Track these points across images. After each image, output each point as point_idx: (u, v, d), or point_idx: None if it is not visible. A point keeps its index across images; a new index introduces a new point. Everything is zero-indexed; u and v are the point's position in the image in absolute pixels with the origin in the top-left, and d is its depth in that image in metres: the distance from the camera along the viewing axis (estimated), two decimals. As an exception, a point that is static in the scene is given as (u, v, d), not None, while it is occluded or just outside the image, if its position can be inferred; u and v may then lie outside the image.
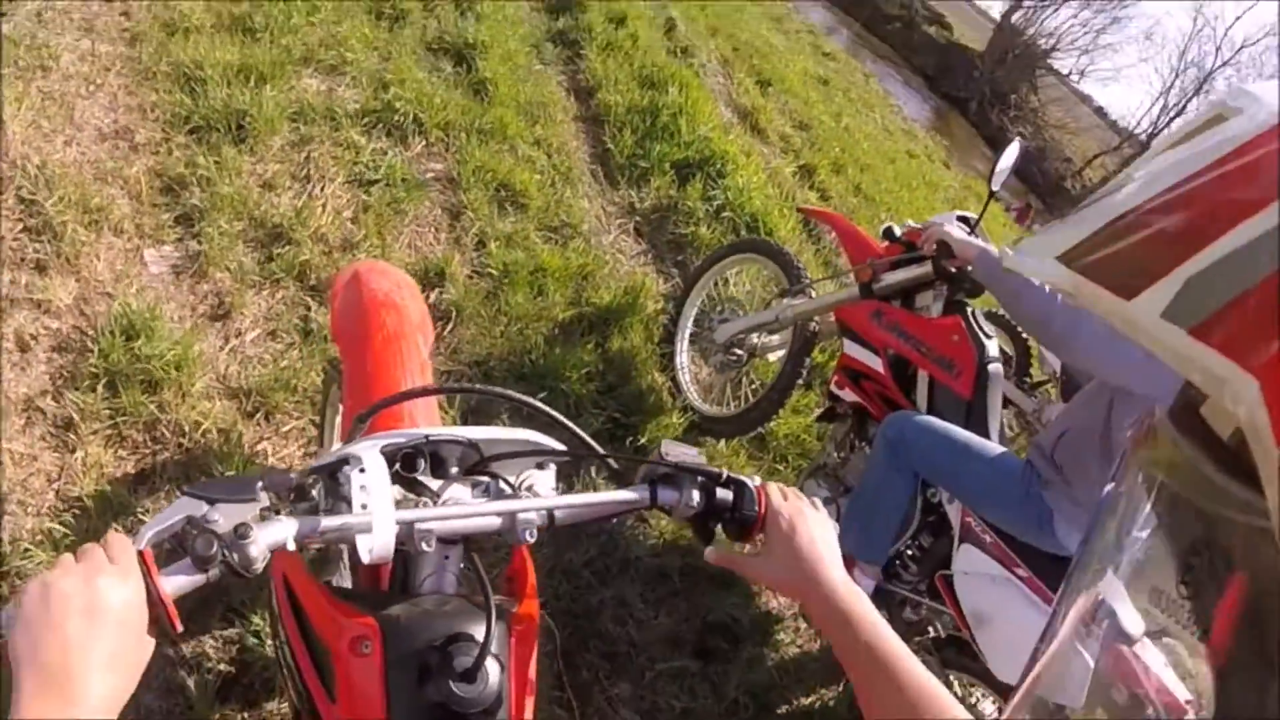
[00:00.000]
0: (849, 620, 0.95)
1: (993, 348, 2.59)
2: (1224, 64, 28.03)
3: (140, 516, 2.19)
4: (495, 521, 1.01)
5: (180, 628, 0.79)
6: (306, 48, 4.06)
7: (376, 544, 0.91)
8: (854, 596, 0.97)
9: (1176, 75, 29.36)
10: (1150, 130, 29.20)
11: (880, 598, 2.64)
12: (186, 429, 2.39)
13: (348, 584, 1.60)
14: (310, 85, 3.89)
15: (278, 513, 0.91)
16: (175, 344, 2.50)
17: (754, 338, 3.32)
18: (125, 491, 2.22)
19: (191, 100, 3.37)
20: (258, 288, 2.87)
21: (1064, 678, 0.54)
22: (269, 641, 1.98)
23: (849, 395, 2.90)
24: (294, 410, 2.58)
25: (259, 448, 2.48)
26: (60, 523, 2.10)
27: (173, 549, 0.83)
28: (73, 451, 2.24)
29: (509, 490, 1.10)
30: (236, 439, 2.44)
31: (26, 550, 2.02)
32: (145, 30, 3.63)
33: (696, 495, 1.08)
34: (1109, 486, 0.52)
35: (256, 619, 2.07)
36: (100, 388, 2.36)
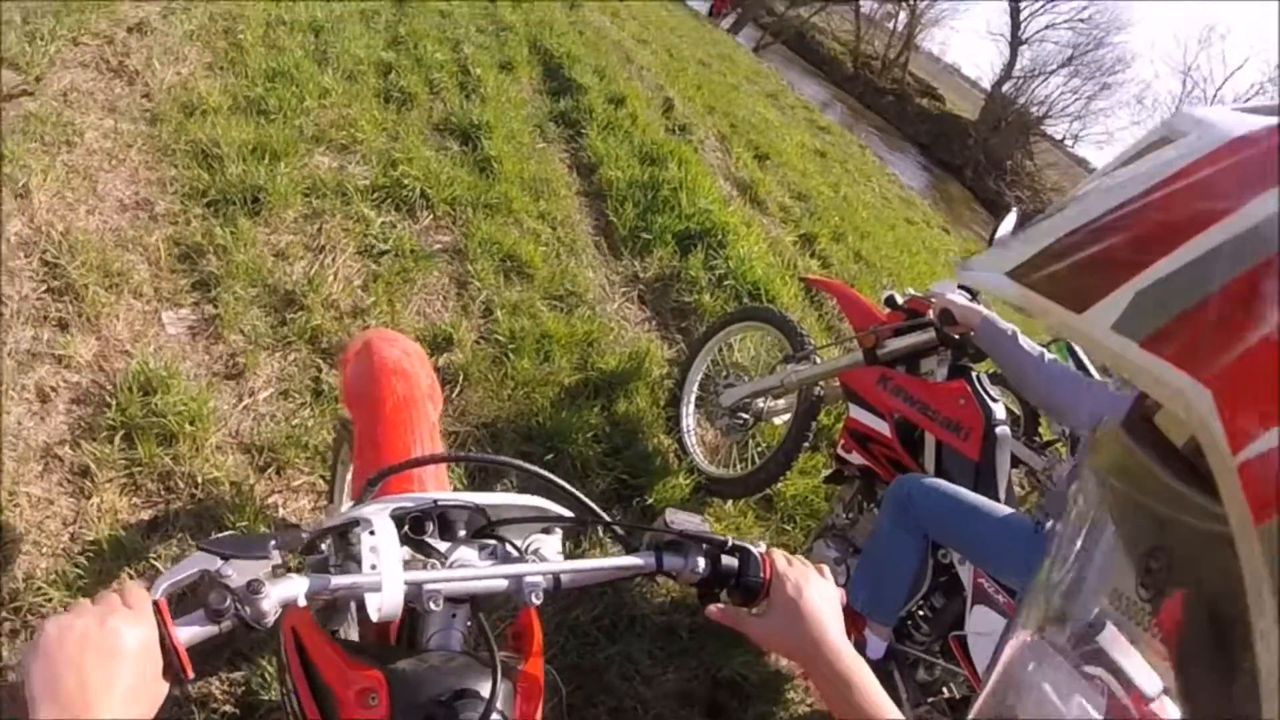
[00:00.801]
0: (850, 686, 0.96)
1: (999, 410, 2.60)
2: None
3: (152, 561, 2.21)
4: (502, 584, 1.03)
5: (192, 674, 0.81)
6: (318, 128, 4.23)
7: (385, 603, 0.94)
8: (855, 663, 0.98)
9: (1169, 137, 30.06)
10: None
11: (893, 658, 2.62)
12: (200, 480, 2.42)
13: (354, 636, 1.60)
14: (322, 163, 4.02)
15: (289, 569, 0.93)
16: (191, 400, 2.55)
17: (759, 402, 3.36)
18: (138, 537, 2.25)
19: (209, 175, 3.50)
20: (270, 350, 2.93)
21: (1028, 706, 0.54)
22: (275, 685, 1.99)
23: (856, 458, 2.91)
24: (305, 466, 2.62)
25: (270, 501, 2.50)
26: (74, 564, 2.13)
27: (183, 597, 0.86)
28: (88, 498, 2.28)
29: (515, 554, 1.12)
30: (248, 492, 2.47)
31: (40, 589, 2.05)
32: (165, 111, 3.78)
33: (702, 562, 1.09)
34: (1049, 524, 0.53)
35: (263, 662, 2.08)
36: (117, 439, 2.41)
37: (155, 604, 0.81)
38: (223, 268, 3.09)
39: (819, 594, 1.04)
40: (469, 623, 1.11)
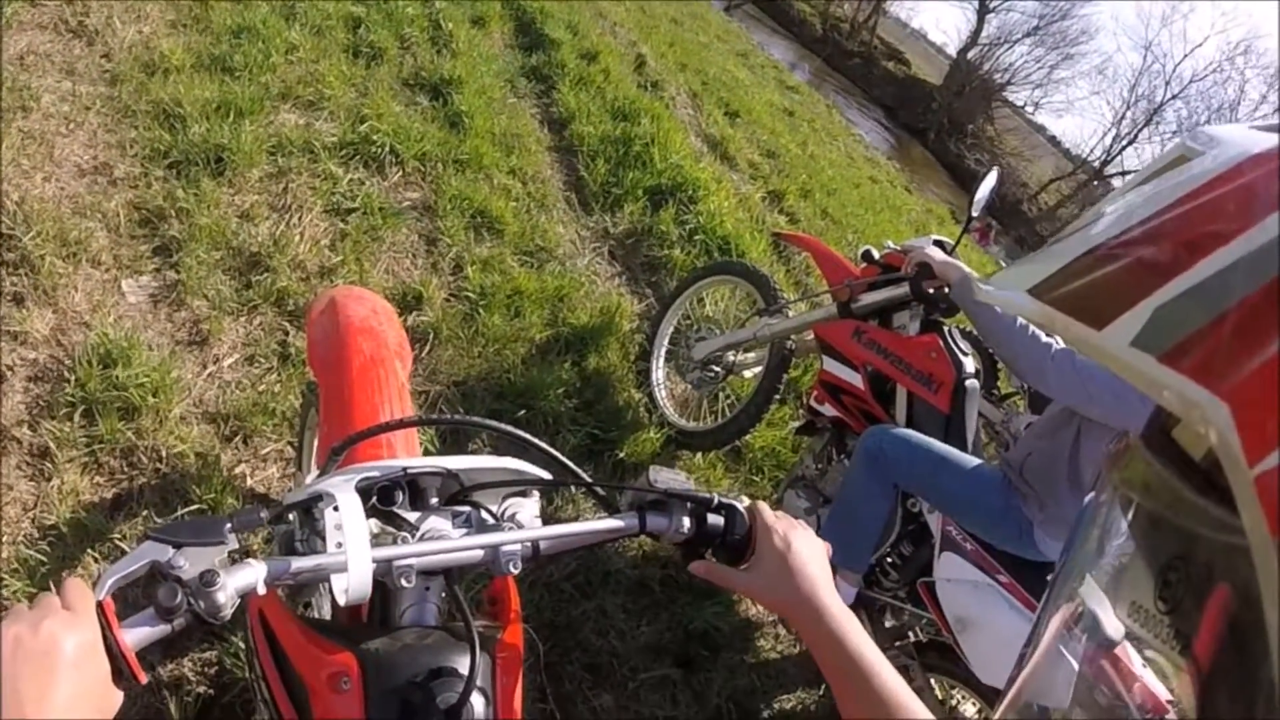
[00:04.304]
0: (838, 642, 0.95)
1: (969, 365, 2.64)
2: (1173, 97, 29.23)
3: (117, 542, 2.17)
4: (477, 554, 0.98)
5: (145, 679, 0.75)
6: (285, 84, 4.13)
7: (352, 584, 0.89)
8: (844, 618, 0.97)
9: (1128, 107, 30.41)
10: (1103, 158, 30.20)
11: (861, 604, 2.67)
12: (164, 454, 2.38)
13: (327, 612, 1.54)
14: (288, 120, 3.94)
15: (247, 554, 0.89)
16: (153, 370, 2.50)
17: (730, 355, 3.37)
18: (102, 518, 2.20)
19: (170, 136, 3.41)
20: (235, 315, 2.89)
21: (1049, 681, 0.55)
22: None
23: (828, 410, 2.93)
24: (272, 433, 2.59)
25: (237, 471, 2.47)
26: (37, 551, 2.07)
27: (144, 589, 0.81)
28: (49, 480, 2.22)
29: (491, 520, 1.08)
30: (215, 463, 2.44)
31: (1, 579, 2.00)
32: (125, 71, 3.68)
33: (687, 521, 1.06)
34: (1088, 498, 0.53)
35: (236, 639, 2.05)
36: (77, 416, 2.35)
37: (99, 604, 0.75)
38: (185, 231, 3.02)
39: (807, 548, 1.02)
40: (443, 594, 1.07)
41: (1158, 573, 0.43)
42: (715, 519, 1.05)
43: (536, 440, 1.13)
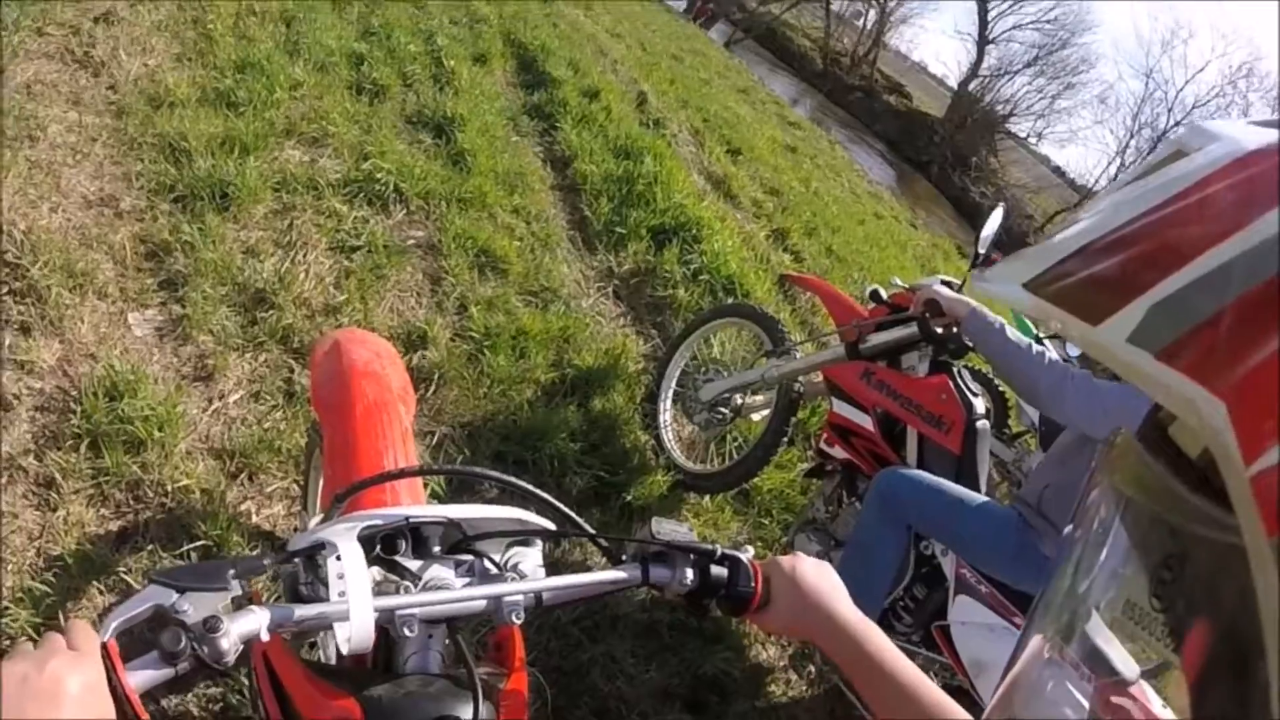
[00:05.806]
0: (864, 653, 0.94)
1: (980, 405, 2.63)
2: (1176, 124, 29.23)
3: (122, 575, 2.14)
4: (480, 604, 0.99)
5: None
6: (289, 120, 4.16)
7: (355, 634, 0.89)
8: (865, 628, 0.96)
9: (1131, 136, 30.58)
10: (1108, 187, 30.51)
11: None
12: (170, 489, 2.34)
13: (333, 654, 1.55)
14: (293, 156, 3.96)
15: (250, 600, 0.88)
16: (159, 404, 2.48)
17: (738, 397, 3.35)
18: (107, 550, 2.17)
19: (176, 170, 3.42)
20: (241, 350, 2.86)
21: (1040, 708, 0.54)
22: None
23: (839, 452, 2.92)
24: (278, 471, 2.56)
25: (243, 508, 2.44)
26: (41, 581, 2.04)
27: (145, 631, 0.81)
28: (54, 510, 2.19)
29: (494, 569, 1.08)
30: (220, 499, 2.40)
31: (6, 609, 1.96)
32: (131, 103, 3.70)
33: (690, 573, 1.06)
34: (1066, 529, 0.53)
35: (242, 676, 2.02)
36: (83, 448, 2.33)
37: (104, 646, 0.75)
38: (190, 266, 3.01)
39: (814, 568, 1.03)
40: (447, 641, 1.06)
41: (1152, 571, 0.44)
42: (719, 570, 1.05)
43: (539, 491, 1.13)
